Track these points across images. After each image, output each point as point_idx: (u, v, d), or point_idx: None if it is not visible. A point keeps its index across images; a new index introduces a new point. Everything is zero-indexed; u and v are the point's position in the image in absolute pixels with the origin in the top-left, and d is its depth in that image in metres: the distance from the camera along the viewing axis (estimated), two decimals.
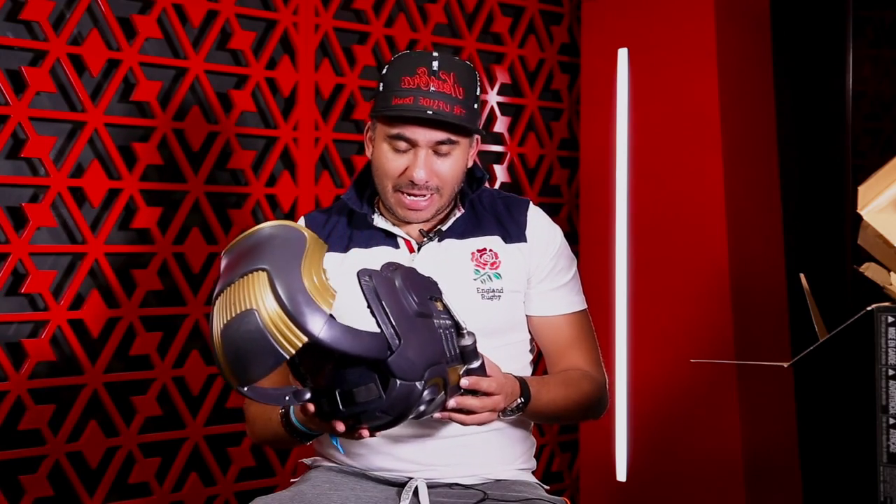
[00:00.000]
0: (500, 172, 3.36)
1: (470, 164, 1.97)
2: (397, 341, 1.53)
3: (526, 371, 2.00)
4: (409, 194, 1.89)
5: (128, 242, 2.68)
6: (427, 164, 1.87)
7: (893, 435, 1.88)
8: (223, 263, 1.60)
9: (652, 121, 3.24)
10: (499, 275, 1.93)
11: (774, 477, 3.11)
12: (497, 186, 3.34)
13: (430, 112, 1.83)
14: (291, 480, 2.00)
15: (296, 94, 2.94)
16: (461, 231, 1.95)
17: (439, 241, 1.95)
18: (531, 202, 2.02)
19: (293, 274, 1.51)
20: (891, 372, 1.88)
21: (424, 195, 1.89)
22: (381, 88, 1.89)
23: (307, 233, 1.59)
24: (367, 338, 1.52)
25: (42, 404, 2.54)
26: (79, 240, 2.61)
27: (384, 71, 1.90)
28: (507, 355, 1.93)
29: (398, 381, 1.53)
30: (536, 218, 2.00)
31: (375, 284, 1.56)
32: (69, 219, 2.60)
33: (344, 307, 1.90)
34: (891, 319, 1.88)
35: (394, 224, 1.95)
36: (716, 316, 3.05)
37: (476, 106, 1.91)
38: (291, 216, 2.92)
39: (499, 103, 3.37)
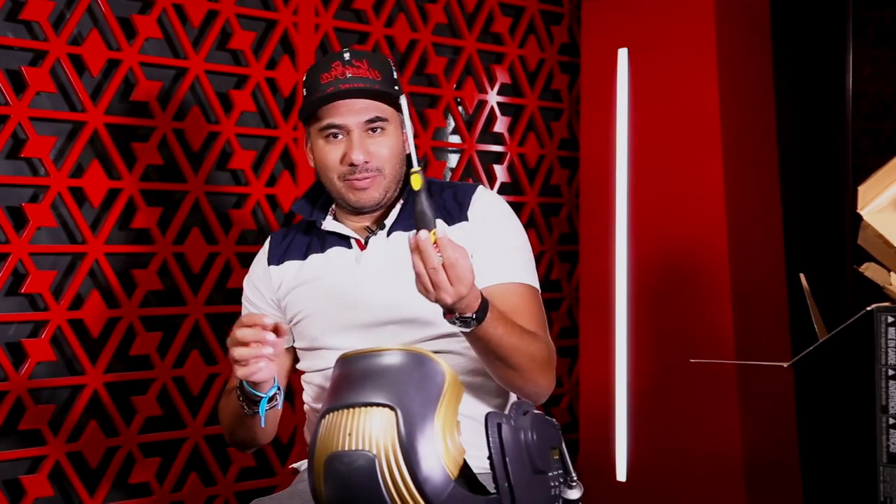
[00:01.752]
0: (500, 172, 3.36)
1: (407, 150, 1.99)
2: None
3: None
4: (354, 179, 1.93)
5: (128, 242, 2.68)
6: (363, 145, 1.92)
7: (893, 435, 1.88)
8: (339, 370, 1.52)
9: (652, 121, 3.23)
10: None
11: (774, 477, 3.11)
12: (497, 186, 3.34)
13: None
14: (292, 470, 2.02)
15: (296, 94, 2.93)
16: (408, 223, 1.96)
17: (387, 235, 1.97)
18: (481, 186, 2.03)
19: (426, 428, 1.42)
20: (891, 372, 1.88)
21: (367, 176, 1.93)
22: (304, 95, 1.97)
23: (447, 371, 1.48)
24: None
25: (42, 404, 2.54)
26: (79, 240, 2.61)
27: (304, 79, 1.98)
28: (465, 345, 1.90)
29: None
30: (482, 197, 2.00)
31: (504, 437, 1.47)
32: (69, 219, 2.60)
33: (318, 301, 1.96)
34: (891, 319, 1.88)
35: (343, 224, 2.00)
36: (716, 316, 3.05)
37: (397, 88, 1.96)
38: (291, 216, 2.92)
39: (499, 103, 3.37)
